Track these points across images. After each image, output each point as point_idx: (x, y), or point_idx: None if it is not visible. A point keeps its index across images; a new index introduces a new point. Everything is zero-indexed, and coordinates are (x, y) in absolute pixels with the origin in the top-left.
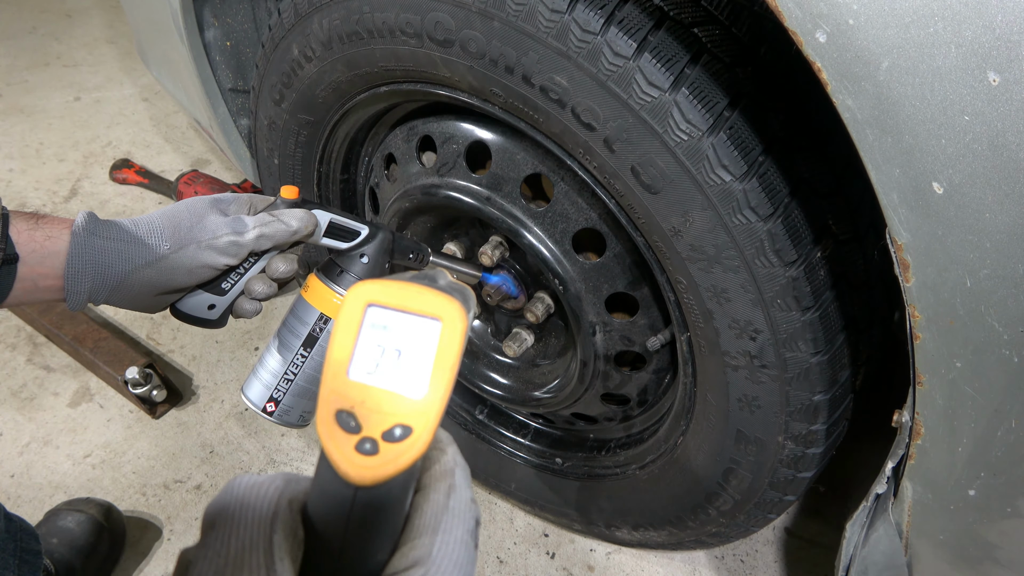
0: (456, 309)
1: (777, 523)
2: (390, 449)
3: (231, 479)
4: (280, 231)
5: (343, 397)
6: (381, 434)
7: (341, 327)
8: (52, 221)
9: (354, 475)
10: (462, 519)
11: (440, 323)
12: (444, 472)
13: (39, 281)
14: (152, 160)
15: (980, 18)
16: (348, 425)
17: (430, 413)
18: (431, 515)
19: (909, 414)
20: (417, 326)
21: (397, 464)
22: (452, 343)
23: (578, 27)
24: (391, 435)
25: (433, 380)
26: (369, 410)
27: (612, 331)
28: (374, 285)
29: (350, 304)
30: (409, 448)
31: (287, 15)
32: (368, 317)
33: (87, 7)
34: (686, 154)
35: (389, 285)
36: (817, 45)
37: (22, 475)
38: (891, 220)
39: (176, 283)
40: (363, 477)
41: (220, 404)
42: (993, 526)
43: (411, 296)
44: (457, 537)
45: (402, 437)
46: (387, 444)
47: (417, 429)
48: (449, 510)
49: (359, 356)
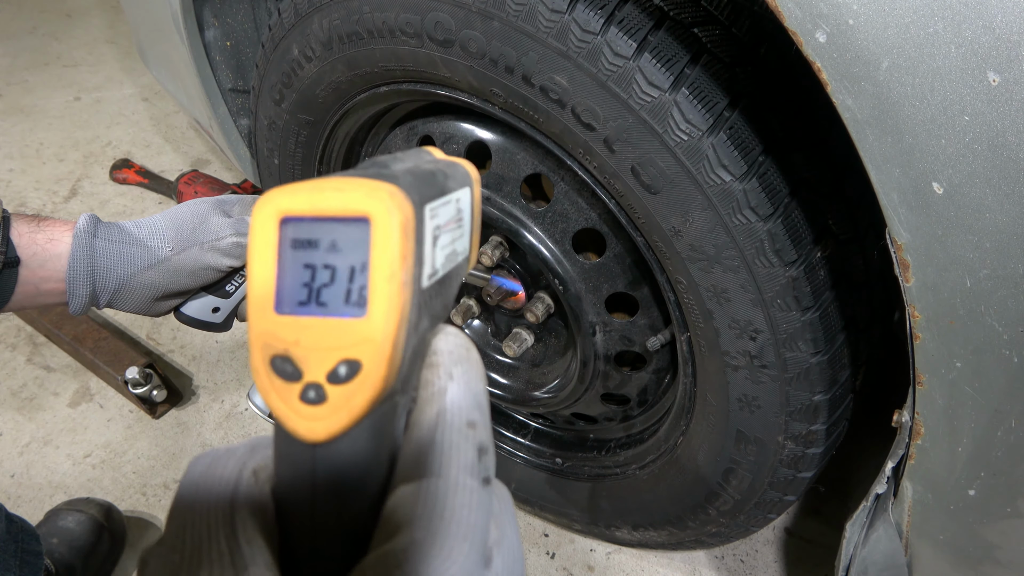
0: (385, 197)
1: (777, 523)
2: (338, 392)
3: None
4: None
5: (274, 338)
6: (325, 376)
7: (256, 253)
8: (53, 224)
9: (304, 431)
10: (453, 454)
11: (368, 221)
12: (431, 397)
13: (41, 284)
14: (152, 160)
15: (980, 18)
16: (285, 372)
17: (376, 337)
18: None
19: (909, 414)
20: (344, 232)
21: (351, 410)
22: (388, 243)
23: (578, 27)
24: (335, 376)
25: (373, 295)
26: (307, 349)
27: (612, 331)
28: (281, 193)
29: (259, 222)
30: (360, 387)
31: (287, 15)
32: (285, 234)
33: (87, 7)
34: (686, 154)
35: (299, 188)
36: (817, 45)
37: (22, 475)
38: (891, 220)
39: (179, 286)
40: (315, 432)
41: (220, 404)
42: (993, 526)
43: (327, 196)
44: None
45: (349, 376)
46: (334, 387)
47: (365, 361)
48: (436, 446)
49: (285, 285)
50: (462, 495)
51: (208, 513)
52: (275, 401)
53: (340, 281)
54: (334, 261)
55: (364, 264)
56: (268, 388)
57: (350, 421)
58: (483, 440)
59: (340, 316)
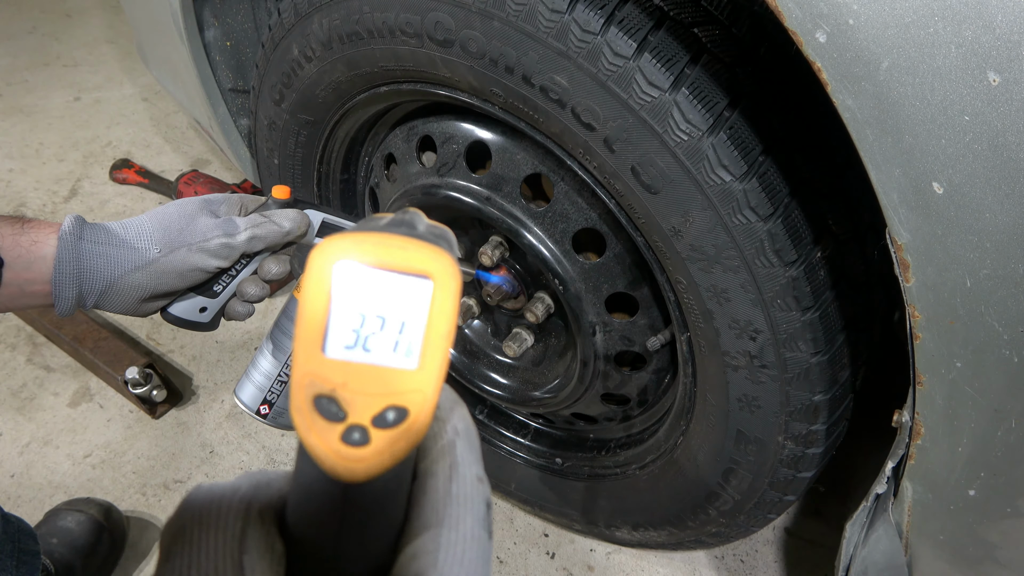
0: (448, 263)
1: (777, 523)
2: (383, 436)
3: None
4: (272, 232)
5: (321, 379)
6: (371, 420)
7: (309, 295)
8: (38, 226)
9: (343, 471)
10: (469, 507)
11: (430, 281)
12: (443, 449)
13: (25, 287)
14: (152, 160)
15: (980, 18)
16: (330, 412)
17: (426, 389)
18: (431, 510)
19: (909, 414)
20: (402, 286)
21: (393, 453)
22: (446, 304)
23: (578, 27)
24: (383, 420)
25: (427, 350)
26: (353, 392)
27: (612, 331)
28: (344, 240)
29: (317, 265)
30: (405, 433)
31: (287, 15)
32: (340, 279)
33: (87, 7)
34: (686, 154)
35: (362, 239)
36: (817, 45)
37: (22, 475)
38: (891, 220)
39: (167, 287)
40: (354, 473)
41: (220, 404)
42: (993, 526)
43: (391, 250)
44: (466, 532)
45: (396, 421)
46: (379, 431)
47: (413, 410)
48: (452, 498)
49: (335, 328)
50: (478, 546)
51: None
52: (314, 439)
53: (389, 331)
54: (385, 312)
55: (415, 318)
56: (309, 426)
57: (391, 464)
58: (488, 494)
59: (389, 365)
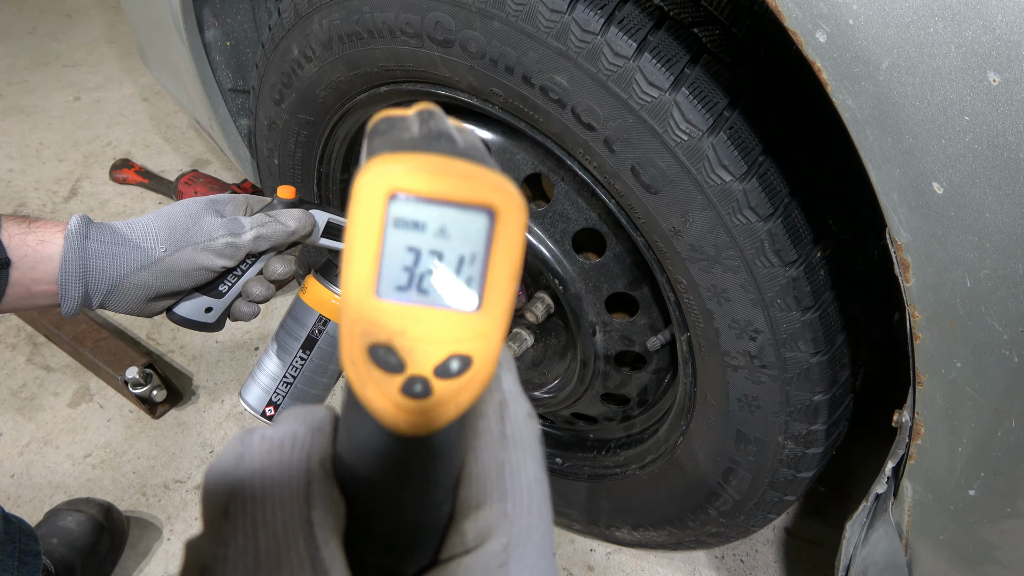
0: (514, 193)
1: (777, 523)
2: (446, 387)
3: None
4: (277, 232)
5: (375, 327)
6: (432, 370)
7: (359, 230)
8: (45, 225)
9: (405, 426)
10: (527, 449)
11: (494, 214)
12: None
13: (32, 286)
14: (152, 160)
15: (980, 18)
16: (388, 363)
17: (491, 335)
18: (489, 456)
19: (909, 414)
20: (462, 219)
21: (457, 405)
22: (512, 238)
23: (578, 27)
24: (446, 370)
25: (490, 290)
26: (413, 340)
27: (612, 331)
28: (396, 166)
29: (368, 196)
30: (470, 383)
31: (287, 15)
32: (393, 212)
33: (87, 7)
34: (686, 154)
35: (417, 164)
36: (817, 45)
37: (22, 475)
38: (891, 220)
39: (172, 286)
40: (417, 428)
41: (220, 404)
42: (993, 526)
43: (451, 179)
44: (529, 477)
45: (460, 371)
46: (441, 381)
47: (477, 358)
48: (509, 441)
49: (388, 268)
50: (541, 490)
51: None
52: (372, 393)
53: (446, 270)
54: (441, 248)
55: (475, 255)
56: (365, 378)
57: (455, 416)
58: (539, 430)
59: (449, 308)
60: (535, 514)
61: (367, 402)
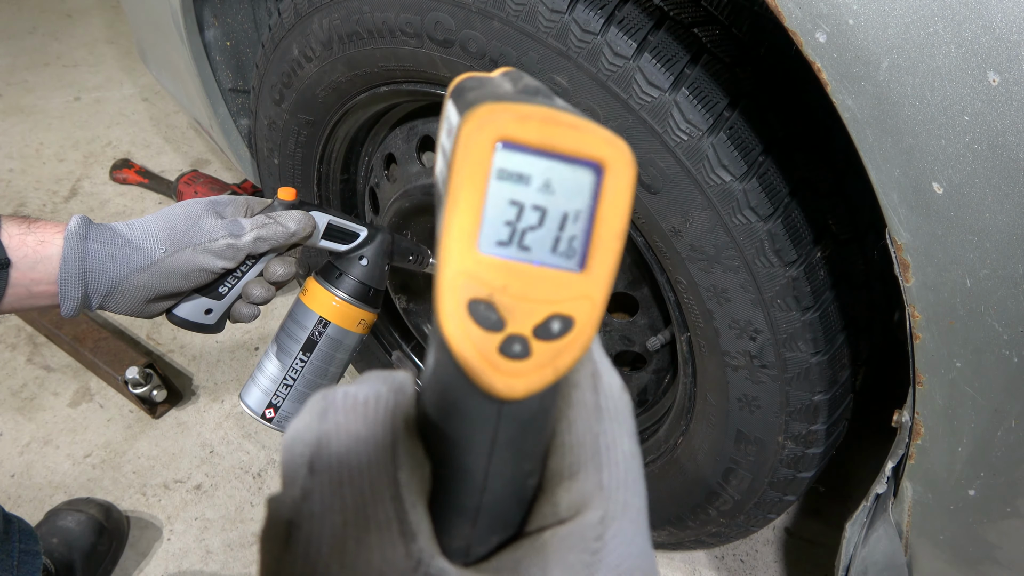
0: (625, 149)
1: (777, 523)
2: (546, 349)
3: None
4: (277, 233)
5: (476, 281)
6: (532, 330)
7: (464, 179)
8: (44, 226)
9: (502, 387)
10: (621, 422)
11: (603, 168)
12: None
13: (32, 287)
14: (152, 160)
15: (980, 18)
16: (488, 320)
17: (595, 296)
18: (584, 427)
19: (909, 414)
20: (568, 174)
21: (556, 368)
22: (621, 196)
23: (578, 27)
24: (546, 330)
25: (595, 250)
26: (514, 298)
27: (612, 331)
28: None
29: (475, 143)
30: (570, 346)
31: (287, 15)
32: (498, 162)
33: (87, 7)
34: (686, 154)
35: (527, 112)
36: (817, 45)
37: (22, 475)
38: (891, 220)
39: (172, 287)
40: (514, 389)
41: (220, 404)
42: (993, 526)
43: (561, 131)
44: (624, 450)
45: (561, 332)
46: (541, 343)
47: (579, 319)
48: (603, 412)
49: (490, 222)
50: (637, 464)
51: (369, 469)
52: (470, 350)
53: (549, 227)
54: (545, 203)
55: (580, 213)
56: (463, 335)
57: (554, 379)
58: (631, 403)
59: (552, 266)
60: (631, 489)
61: (464, 359)
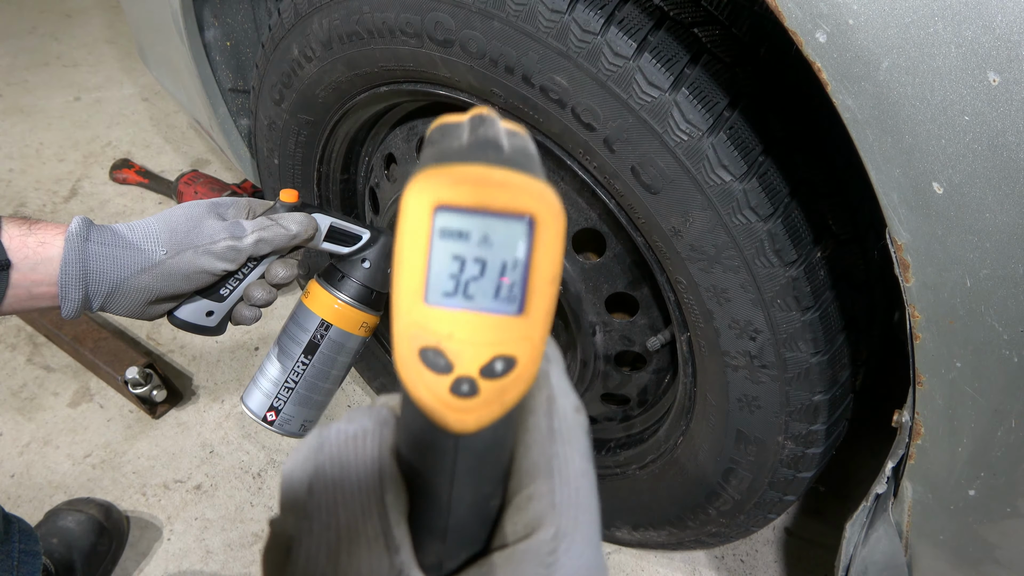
0: (552, 200)
1: (777, 523)
2: (492, 387)
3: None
4: (279, 235)
5: (424, 331)
6: (479, 370)
7: (408, 242)
8: (45, 227)
9: (455, 423)
10: (573, 443)
11: (534, 220)
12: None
13: (32, 288)
14: (152, 160)
15: (980, 18)
16: (437, 365)
17: (534, 337)
18: (538, 451)
19: (909, 414)
20: (502, 228)
21: (503, 403)
22: (551, 244)
23: (578, 27)
24: (491, 370)
25: (532, 295)
26: (460, 343)
27: (612, 331)
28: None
29: (414, 210)
30: (514, 383)
31: (287, 15)
32: (439, 223)
33: (87, 7)
34: (686, 154)
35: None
36: (817, 45)
37: (22, 475)
38: (891, 220)
39: (173, 289)
40: (466, 424)
41: (220, 404)
42: (993, 526)
43: (491, 190)
44: (576, 469)
45: (505, 371)
46: (487, 381)
47: (521, 359)
48: (556, 435)
49: (435, 276)
50: (588, 482)
51: (359, 491)
52: (423, 392)
53: (490, 276)
54: (484, 255)
55: (517, 262)
56: (416, 379)
57: (501, 413)
58: (586, 423)
59: (493, 312)
60: (582, 506)
61: (419, 401)
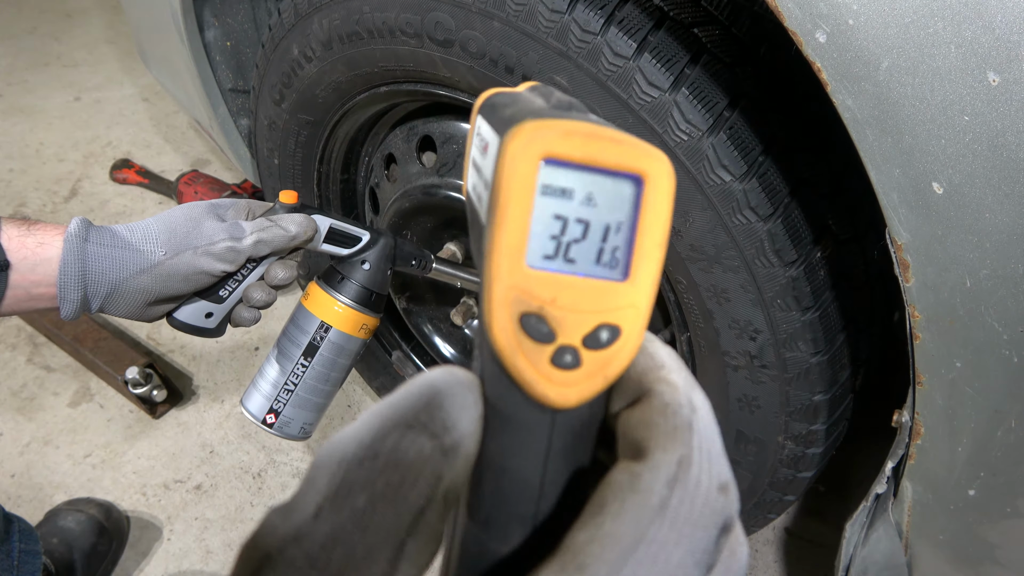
0: (665, 161)
1: (777, 523)
2: (595, 358)
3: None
4: (278, 236)
5: (526, 295)
6: (582, 340)
7: (511, 196)
8: (44, 228)
9: (555, 397)
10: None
11: (643, 180)
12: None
13: (31, 289)
14: (152, 160)
15: (980, 18)
16: (539, 332)
17: (640, 305)
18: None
19: (909, 414)
20: (610, 187)
21: (605, 376)
22: (660, 208)
23: (578, 27)
24: (595, 340)
25: (638, 260)
26: (563, 309)
27: None
28: (547, 130)
29: (521, 160)
30: (618, 354)
31: (287, 15)
32: (542, 178)
33: (87, 7)
34: (686, 154)
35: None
36: (817, 45)
37: (22, 475)
38: (891, 220)
39: (172, 290)
40: (566, 398)
41: (220, 404)
42: (993, 526)
43: (604, 146)
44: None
45: (610, 341)
46: (590, 352)
47: (626, 328)
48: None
49: (536, 237)
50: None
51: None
52: (523, 363)
53: (592, 239)
54: (588, 216)
55: (622, 224)
56: (516, 348)
57: (603, 387)
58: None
59: (597, 277)
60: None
61: (518, 372)
